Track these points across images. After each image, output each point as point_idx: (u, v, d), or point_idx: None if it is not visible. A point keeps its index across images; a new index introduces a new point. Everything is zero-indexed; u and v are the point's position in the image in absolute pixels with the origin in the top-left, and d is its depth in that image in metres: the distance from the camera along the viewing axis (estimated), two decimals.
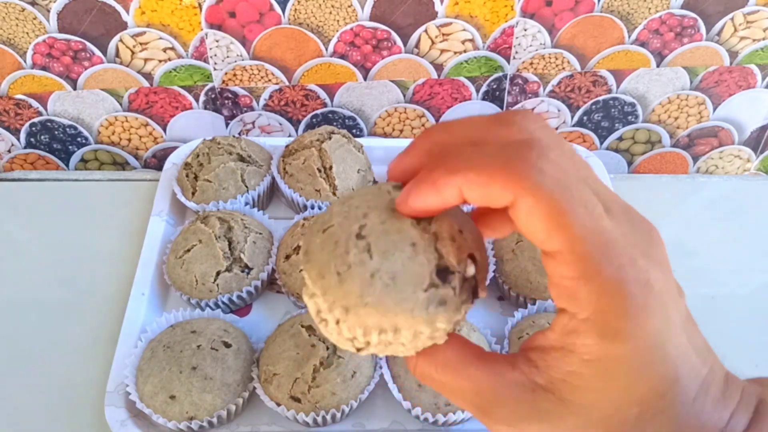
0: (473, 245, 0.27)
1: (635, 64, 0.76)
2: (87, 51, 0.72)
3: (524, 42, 0.74)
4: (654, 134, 0.83)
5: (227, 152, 0.70)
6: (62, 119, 0.78)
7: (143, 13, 0.69)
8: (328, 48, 0.73)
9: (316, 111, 0.80)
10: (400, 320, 0.25)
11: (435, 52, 0.74)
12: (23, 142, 0.80)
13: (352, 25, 0.71)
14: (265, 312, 0.64)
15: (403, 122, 0.81)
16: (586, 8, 0.71)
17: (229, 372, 0.54)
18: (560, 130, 0.83)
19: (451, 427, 0.55)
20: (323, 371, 0.53)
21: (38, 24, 0.69)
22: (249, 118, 0.80)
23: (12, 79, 0.73)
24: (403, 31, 0.72)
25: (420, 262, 0.26)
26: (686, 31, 0.73)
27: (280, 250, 0.64)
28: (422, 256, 0.26)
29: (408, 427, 0.56)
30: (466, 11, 0.71)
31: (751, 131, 0.82)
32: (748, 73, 0.77)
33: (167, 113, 0.78)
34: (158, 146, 0.82)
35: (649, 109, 0.80)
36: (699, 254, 0.71)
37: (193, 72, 0.75)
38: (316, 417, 0.52)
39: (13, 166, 0.83)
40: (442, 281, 0.26)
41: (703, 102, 0.79)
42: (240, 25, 0.71)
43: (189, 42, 0.72)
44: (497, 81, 0.77)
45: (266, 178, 0.71)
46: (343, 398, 0.53)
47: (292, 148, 0.71)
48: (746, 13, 0.71)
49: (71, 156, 0.82)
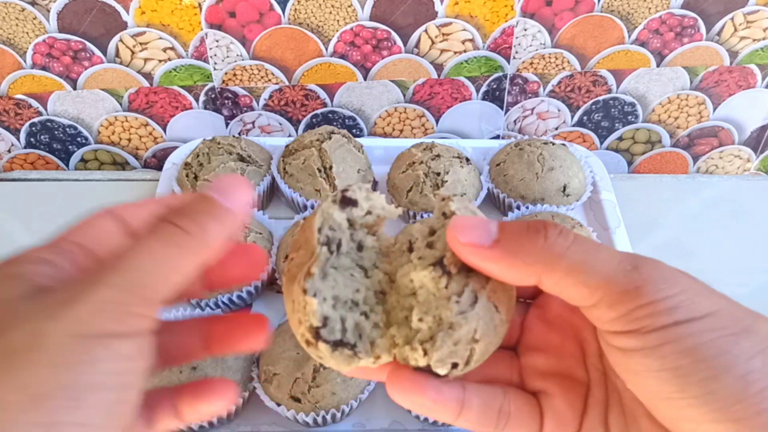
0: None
1: (635, 64, 0.76)
2: (87, 51, 0.72)
3: (524, 42, 0.74)
4: (654, 134, 0.83)
5: (227, 152, 0.70)
6: (62, 119, 0.78)
7: (143, 13, 0.69)
8: (328, 48, 0.73)
9: (316, 111, 0.80)
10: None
11: (435, 52, 0.74)
12: (23, 142, 0.80)
13: (352, 24, 0.71)
14: (265, 312, 0.63)
15: (403, 122, 0.81)
16: (586, 8, 0.71)
17: (229, 372, 0.54)
18: (560, 130, 0.83)
19: (451, 428, 0.55)
20: (323, 371, 0.53)
21: (38, 24, 0.69)
22: (249, 118, 0.80)
23: (12, 79, 0.73)
24: (403, 31, 0.72)
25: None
26: (686, 31, 0.73)
27: (280, 250, 0.64)
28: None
29: (408, 427, 0.56)
30: (466, 11, 0.71)
31: (751, 131, 0.82)
32: (748, 72, 0.77)
33: (167, 113, 0.78)
34: (158, 146, 0.82)
35: (649, 109, 0.80)
36: (699, 254, 0.71)
37: (193, 72, 0.74)
38: (316, 417, 0.52)
39: (13, 166, 0.83)
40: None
41: (703, 102, 0.79)
42: (240, 25, 0.71)
43: (189, 42, 0.72)
44: (497, 81, 0.77)
45: (266, 178, 0.70)
46: (343, 398, 0.53)
47: (292, 148, 0.71)
48: (746, 12, 0.71)
49: (71, 156, 0.82)
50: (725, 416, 0.24)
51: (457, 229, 0.28)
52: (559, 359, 0.32)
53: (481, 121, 0.81)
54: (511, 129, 0.83)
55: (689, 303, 0.25)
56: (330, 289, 0.30)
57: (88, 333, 0.24)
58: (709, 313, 0.25)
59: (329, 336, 0.28)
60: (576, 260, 0.26)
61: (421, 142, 0.72)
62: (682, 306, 0.25)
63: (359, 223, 0.32)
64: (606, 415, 0.30)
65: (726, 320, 0.25)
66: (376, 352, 0.29)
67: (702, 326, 0.25)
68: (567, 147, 0.72)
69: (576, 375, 0.31)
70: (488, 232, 0.28)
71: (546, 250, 0.26)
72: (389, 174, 0.72)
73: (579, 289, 0.26)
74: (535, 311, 0.34)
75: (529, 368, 0.33)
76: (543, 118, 0.81)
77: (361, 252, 0.32)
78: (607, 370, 0.31)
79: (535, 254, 0.26)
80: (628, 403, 0.29)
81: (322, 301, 0.29)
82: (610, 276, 0.26)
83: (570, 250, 0.26)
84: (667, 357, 0.25)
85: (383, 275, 0.32)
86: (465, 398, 0.30)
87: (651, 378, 0.25)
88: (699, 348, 0.24)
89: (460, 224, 0.28)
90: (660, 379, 0.25)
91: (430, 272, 0.29)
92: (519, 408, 0.31)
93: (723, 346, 0.24)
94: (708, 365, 0.24)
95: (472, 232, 0.28)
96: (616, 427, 0.29)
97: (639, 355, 0.25)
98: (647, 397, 0.27)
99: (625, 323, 0.25)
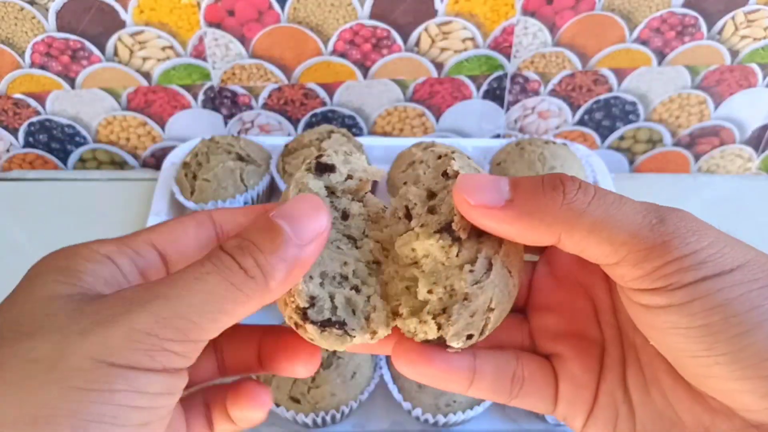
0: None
1: (636, 63, 0.75)
2: (85, 50, 0.71)
3: (525, 40, 0.73)
4: (655, 133, 0.83)
5: (226, 151, 0.69)
6: (61, 118, 0.78)
7: (142, 11, 0.69)
8: (327, 46, 0.73)
9: (316, 110, 0.79)
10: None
11: (435, 51, 0.74)
12: (22, 142, 0.80)
13: (351, 23, 0.71)
14: (265, 312, 0.63)
15: (403, 121, 0.81)
16: (587, 6, 0.70)
17: None
18: (561, 129, 0.82)
19: (451, 428, 0.55)
20: (323, 372, 0.52)
21: (37, 23, 0.69)
22: (248, 117, 0.80)
23: (11, 78, 0.73)
24: (403, 30, 0.72)
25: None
26: (687, 30, 0.72)
27: None
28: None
29: (408, 428, 0.55)
30: (466, 9, 0.71)
31: (753, 130, 0.82)
32: (749, 72, 0.76)
33: (166, 112, 0.78)
34: (157, 145, 0.81)
35: (651, 107, 0.80)
36: None
37: (192, 71, 0.74)
38: (316, 418, 0.52)
39: (11, 165, 0.82)
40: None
41: (704, 101, 0.79)
42: (239, 24, 0.70)
43: (188, 41, 0.71)
44: (498, 80, 0.77)
45: (265, 177, 0.70)
46: (343, 399, 0.53)
47: (292, 147, 0.71)
48: (747, 11, 0.71)
49: (69, 155, 0.82)
50: (755, 373, 0.23)
51: (465, 190, 0.25)
52: (570, 318, 0.30)
53: (481, 120, 0.81)
54: (511, 128, 0.82)
55: (718, 256, 0.24)
56: (316, 266, 0.27)
57: (114, 361, 0.22)
58: (739, 266, 0.24)
59: (317, 316, 0.26)
60: (598, 217, 0.24)
61: (422, 141, 0.71)
62: (711, 260, 0.23)
63: (341, 189, 0.30)
64: (624, 375, 0.28)
65: (756, 272, 0.24)
66: (372, 327, 0.27)
67: (732, 280, 0.23)
68: (568, 146, 0.72)
69: (589, 334, 0.30)
70: (500, 191, 0.25)
71: (565, 208, 0.24)
72: (389, 173, 0.72)
73: (602, 248, 0.24)
74: (542, 269, 0.32)
75: (540, 330, 0.31)
76: (544, 117, 0.81)
77: (346, 221, 0.30)
78: (622, 326, 0.29)
79: (554, 213, 0.24)
80: (648, 360, 0.28)
81: (308, 279, 0.27)
82: (635, 231, 0.24)
83: (591, 206, 0.24)
84: (696, 314, 0.23)
85: (375, 243, 0.30)
86: (477, 366, 0.28)
87: (678, 336, 0.24)
88: (729, 304, 0.23)
89: (469, 184, 0.26)
90: (688, 337, 0.24)
91: (437, 240, 0.27)
92: (533, 373, 0.29)
93: (754, 301, 0.23)
94: (738, 321, 0.23)
95: (483, 192, 0.25)
96: (636, 387, 0.28)
97: (665, 312, 0.24)
98: (673, 355, 0.25)
99: (651, 281, 0.24)
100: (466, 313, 0.26)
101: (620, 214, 0.24)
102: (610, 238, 0.24)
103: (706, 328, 0.23)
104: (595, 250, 0.25)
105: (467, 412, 0.53)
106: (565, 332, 0.30)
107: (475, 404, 0.53)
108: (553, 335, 0.30)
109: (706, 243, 0.24)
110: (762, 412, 0.23)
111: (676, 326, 0.24)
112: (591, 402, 0.29)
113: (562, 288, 0.31)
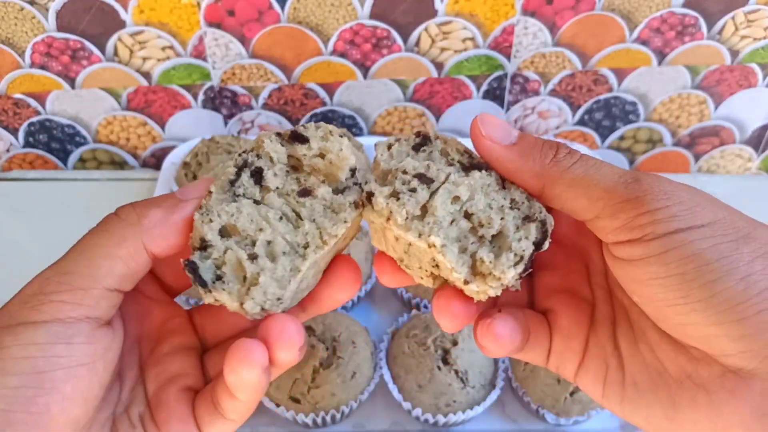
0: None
1: (636, 63, 0.75)
2: (85, 50, 0.71)
3: (525, 40, 0.73)
4: (655, 133, 0.83)
5: (226, 151, 0.69)
6: (61, 118, 0.78)
7: (142, 11, 0.69)
8: (327, 46, 0.73)
9: (316, 110, 0.79)
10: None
11: (435, 51, 0.74)
12: (22, 142, 0.80)
13: (351, 23, 0.71)
14: None
15: (403, 121, 0.81)
16: (587, 6, 0.70)
17: None
18: (561, 129, 0.82)
19: (451, 428, 0.55)
20: (323, 372, 0.52)
21: (37, 23, 0.69)
22: (248, 117, 0.80)
23: (11, 78, 0.73)
24: (403, 30, 0.72)
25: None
26: (687, 30, 0.72)
27: None
28: None
29: (408, 428, 0.55)
30: (466, 9, 0.71)
31: (753, 130, 0.82)
32: (749, 72, 0.76)
33: (166, 112, 0.78)
34: (157, 145, 0.81)
35: (651, 107, 0.80)
36: None
37: (192, 71, 0.74)
38: (316, 418, 0.52)
39: (11, 165, 0.82)
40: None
41: (705, 101, 0.79)
42: (239, 24, 0.70)
43: (188, 40, 0.71)
44: (498, 80, 0.77)
45: None
46: (343, 399, 0.53)
47: None
48: (747, 11, 0.71)
49: (70, 155, 0.82)
50: (728, 317, 0.25)
51: (482, 123, 0.30)
52: (564, 277, 0.33)
53: None
54: None
55: (689, 213, 0.26)
56: (225, 215, 0.28)
57: (6, 323, 0.26)
58: (710, 222, 0.26)
59: (199, 258, 0.28)
60: (578, 175, 0.28)
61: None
62: (682, 215, 0.26)
63: (307, 164, 0.30)
64: (614, 331, 0.31)
65: (726, 228, 0.26)
66: (237, 297, 0.28)
67: (703, 233, 0.26)
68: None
69: (581, 292, 0.33)
70: (509, 134, 0.30)
71: (552, 164, 0.29)
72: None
73: (580, 201, 0.28)
74: None
75: (539, 287, 0.34)
76: (544, 117, 0.81)
77: (304, 197, 0.29)
78: (612, 288, 0.32)
79: (542, 165, 0.29)
80: (636, 318, 0.30)
81: (208, 221, 0.28)
82: (610, 187, 0.27)
83: (574, 166, 0.28)
84: (671, 263, 0.25)
85: (318, 231, 0.29)
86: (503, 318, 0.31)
87: (656, 286, 0.26)
88: (701, 253, 0.25)
89: (486, 120, 0.30)
90: (665, 286, 0.26)
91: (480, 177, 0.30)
92: (535, 327, 0.32)
93: (724, 251, 0.25)
94: (710, 269, 0.25)
95: (495, 129, 0.30)
96: (625, 342, 0.30)
97: (644, 263, 0.26)
98: (653, 306, 0.28)
99: (627, 231, 0.26)
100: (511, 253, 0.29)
101: (599, 174, 0.28)
102: (587, 193, 0.27)
103: (681, 277, 0.25)
104: (574, 203, 0.28)
105: (467, 412, 0.53)
106: (559, 288, 0.33)
107: (474, 404, 0.53)
108: (549, 291, 0.34)
109: (677, 200, 0.26)
110: (737, 356, 0.25)
111: (654, 277, 0.26)
112: (580, 352, 0.31)
113: (559, 248, 0.34)
